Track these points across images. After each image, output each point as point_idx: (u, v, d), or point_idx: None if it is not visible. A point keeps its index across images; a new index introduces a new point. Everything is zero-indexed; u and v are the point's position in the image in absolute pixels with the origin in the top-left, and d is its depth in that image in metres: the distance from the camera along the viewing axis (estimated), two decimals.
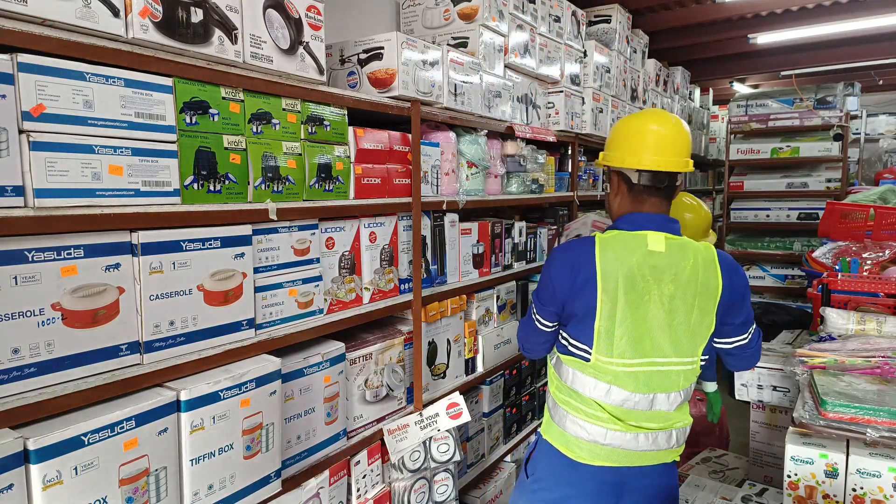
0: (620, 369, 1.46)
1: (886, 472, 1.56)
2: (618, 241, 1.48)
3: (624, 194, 1.58)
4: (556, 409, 1.59)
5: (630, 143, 1.54)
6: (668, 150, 1.52)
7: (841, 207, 3.50)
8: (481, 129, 2.40)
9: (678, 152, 1.54)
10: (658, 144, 1.52)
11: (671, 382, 1.50)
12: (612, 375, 1.47)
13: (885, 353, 1.91)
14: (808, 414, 1.71)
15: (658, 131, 1.53)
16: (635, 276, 1.44)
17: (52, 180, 1.08)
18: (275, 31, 1.48)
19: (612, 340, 1.45)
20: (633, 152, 1.53)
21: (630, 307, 1.44)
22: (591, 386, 1.49)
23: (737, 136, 5.28)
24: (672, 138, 1.53)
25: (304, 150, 1.62)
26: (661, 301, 1.45)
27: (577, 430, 1.53)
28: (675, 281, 1.45)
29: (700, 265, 1.47)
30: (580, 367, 1.50)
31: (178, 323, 1.31)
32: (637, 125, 1.56)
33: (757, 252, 5.12)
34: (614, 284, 1.43)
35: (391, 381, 2.01)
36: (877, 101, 7.50)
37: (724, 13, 4.34)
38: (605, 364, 1.46)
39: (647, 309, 1.45)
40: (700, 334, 1.49)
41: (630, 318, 1.44)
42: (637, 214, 1.54)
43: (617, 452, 1.51)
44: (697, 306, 1.47)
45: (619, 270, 1.44)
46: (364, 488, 1.92)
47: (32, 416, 1.07)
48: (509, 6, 2.57)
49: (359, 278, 1.89)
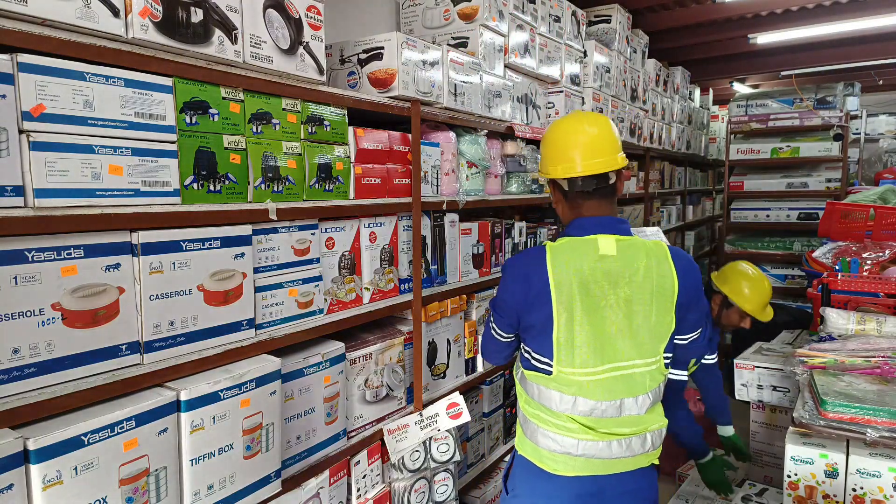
0: (584, 379, 1.44)
1: (886, 472, 1.56)
2: (568, 247, 1.46)
3: (562, 202, 1.57)
4: (527, 423, 1.56)
5: (551, 153, 1.53)
6: (586, 153, 1.48)
7: (841, 207, 3.50)
8: (481, 129, 2.40)
9: (597, 153, 1.49)
10: (574, 149, 1.49)
11: (636, 385, 1.47)
12: (577, 386, 1.44)
13: (885, 353, 1.91)
14: (808, 414, 1.71)
15: (572, 137, 1.50)
16: (589, 282, 1.42)
17: (52, 180, 1.08)
18: (275, 31, 1.48)
19: (573, 350, 1.43)
20: (554, 161, 1.52)
21: (587, 314, 1.42)
22: (557, 399, 1.47)
23: (737, 136, 5.28)
24: (587, 141, 1.49)
25: (304, 150, 1.62)
26: (619, 305, 1.43)
27: (548, 442, 1.50)
28: (631, 283, 1.43)
29: (654, 264, 1.45)
30: (544, 381, 1.48)
31: (178, 323, 1.31)
32: (555, 134, 1.54)
33: (757, 252, 5.12)
34: (569, 293, 1.41)
35: (391, 381, 2.01)
36: (877, 101, 7.51)
37: (724, 13, 4.34)
38: (567, 375, 1.44)
39: (604, 314, 1.42)
40: (661, 333, 1.48)
41: (588, 325, 1.42)
42: (584, 219, 1.51)
43: (592, 462, 1.48)
44: (656, 306, 1.45)
45: (572, 278, 1.41)
46: (364, 488, 1.92)
47: (32, 416, 1.07)
48: (509, 6, 2.57)
49: (359, 278, 1.89)
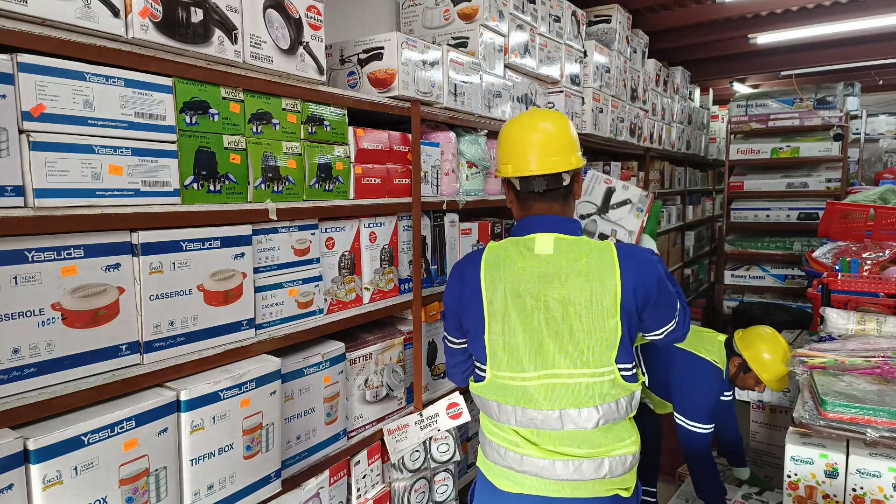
0: (520, 384, 1.36)
1: (886, 471, 1.56)
2: (503, 248, 1.41)
3: (515, 202, 1.49)
4: (481, 434, 1.53)
5: (504, 151, 1.46)
6: (539, 152, 1.40)
7: (841, 207, 3.50)
8: (481, 129, 2.40)
9: (551, 152, 1.40)
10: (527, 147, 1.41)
11: (581, 396, 1.35)
12: (514, 393, 1.37)
13: (885, 353, 1.91)
14: (808, 414, 1.71)
15: (526, 134, 1.42)
16: (519, 282, 1.36)
17: (52, 180, 1.08)
18: (275, 31, 1.48)
19: (505, 354, 1.37)
20: (506, 159, 1.45)
21: (519, 317, 1.35)
22: (496, 409, 1.41)
23: (737, 136, 5.28)
24: (541, 139, 1.41)
25: (304, 150, 1.62)
26: (552, 308, 1.34)
27: (494, 455, 1.45)
28: (565, 285, 1.33)
29: (594, 266, 1.34)
30: (482, 390, 1.43)
31: (178, 323, 1.31)
32: (509, 131, 1.47)
33: (757, 252, 5.12)
34: (501, 295, 1.36)
35: (391, 381, 2.01)
36: (877, 101, 7.51)
37: (724, 13, 4.34)
38: (501, 379, 1.38)
39: (538, 317, 1.34)
40: (606, 339, 1.33)
41: (520, 328, 1.35)
42: (526, 218, 1.45)
43: (535, 481, 1.39)
44: (596, 310, 1.33)
45: (504, 279, 1.36)
46: (364, 488, 1.92)
47: (32, 416, 1.07)
48: (509, 6, 2.57)
49: (359, 278, 1.89)
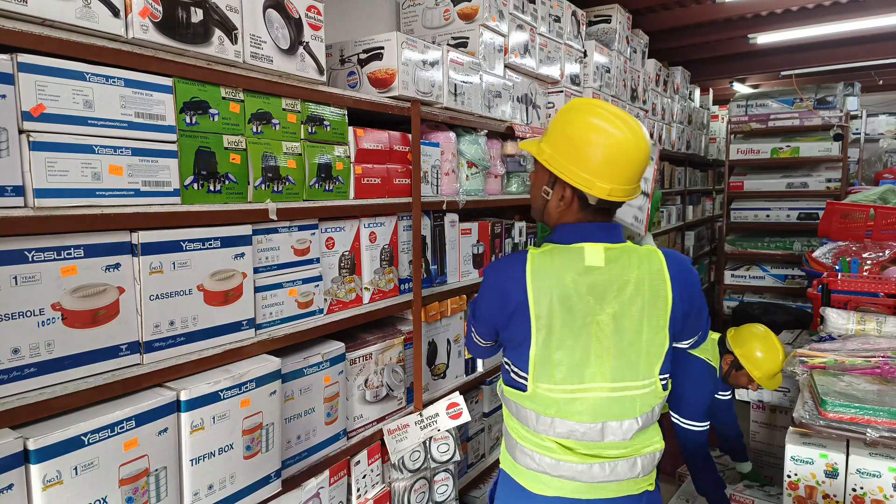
0: (561, 396, 1.30)
1: (886, 471, 1.56)
2: (551, 257, 1.30)
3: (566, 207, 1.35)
4: (508, 436, 1.46)
5: (593, 162, 1.28)
6: (633, 178, 1.30)
7: (841, 207, 3.51)
8: (481, 129, 2.40)
9: (638, 178, 1.33)
10: (626, 171, 1.28)
11: (624, 409, 1.32)
12: (555, 406, 1.31)
13: (885, 353, 1.91)
14: (808, 414, 1.71)
15: (630, 155, 1.28)
16: (571, 296, 1.27)
17: (52, 180, 1.08)
18: (275, 31, 1.48)
19: (550, 368, 1.30)
20: (597, 174, 1.28)
21: (568, 330, 1.28)
22: (534, 419, 1.35)
23: (737, 136, 5.28)
24: (638, 165, 1.30)
25: (304, 150, 1.62)
26: (606, 322, 1.28)
27: (526, 460, 1.39)
28: (619, 298, 1.28)
29: (646, 277, 1.30)
30: (520, 398, 1.36)
31: (178, 323, 1.31)
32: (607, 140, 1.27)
33: (757, 252, 5.12)
34: (548, 308, 1.27)
35: (391, 381, 2.01)
36: (877, 101, 7.51)
37: (724, 13, 4.34)
38: (544, 392, 1.31)
39: (588, 332, 1.28)
40: (654, 353, 1.32)
41: (569, 342, 1.28)
42: (570, 225, 1.35)
43: (572, 485, 1.35)
44: (647, 324, 1.30)
45: (552, 292, 1.27)
46: (364, 488, 1.92)
47: (32, 416, 1.07)
48: (509, 6, 2.57)
49: (359, 278, 1.89)
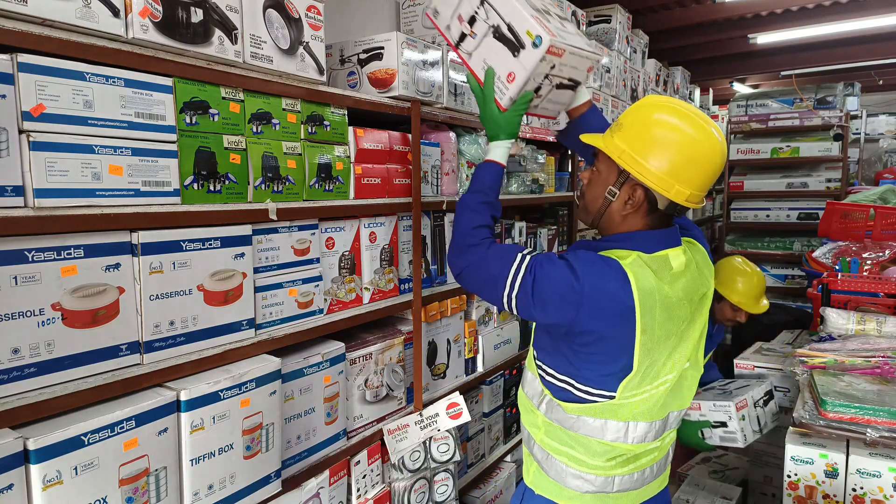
0: (640, 398, 1.28)
1: (886, 471, 1.56)
2: (642, 266, 1.23)
3: (642, 213, 1.29)
4: (551, 461, 1.36)
5: (681, 169, 1.21)
6: (710, 185, 1.26)
7: (841, 207, 3.51)
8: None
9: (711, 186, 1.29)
10: (710, 177, 1.24)
11: (684, 397, 1.37)
12: (636, 409, 1.28)
13: (885, 353, 1.91)
14: (808, 414, 1.71)
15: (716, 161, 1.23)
16: (671, 305, 1.24)
17: (52, 180, 1.08)
18: (275, 31, 1.48)
19: (644, 375, 1.26)
20: (682, 180, 1.21)
21: (664, 340, 1.25)
22: (612, 428, 1.28)
23: (737, 136, 5.28)
24: (719, 173, 1.27)
25: (304, 150, 1.62)
26: (683, 323, 1.29)
27: (580, 483, 1.33)
28: (695, 294, 1.32)
29: (703, 267, 1.36)
30: (593, 412, 1.28)
31: (178, 323, 1.31)
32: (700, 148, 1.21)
33: (757, 252, 5.12)
34: (651, 320, 1.21)
35: (391, 381, 2.01)
36: (877, 101, 7.51)
37: (724, 13, 4.35)
38: (628, 400, 1.27)
39: (675, 334, 1.28)
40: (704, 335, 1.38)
41: (662, 347, 1.26)
42: (650, 233, 1.29)
43: (621, 497, 1.36)
44: (703, 312, 1.35)
45: (655, 303, 1.21)
46: (364, 488, 1.92)
47: (32, 416, 1.07)
48: None
49: (359, 278, 1.89)
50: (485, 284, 1.32)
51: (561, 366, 1.30)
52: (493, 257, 1.32)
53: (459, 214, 1.45)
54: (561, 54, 1.32)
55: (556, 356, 1.31)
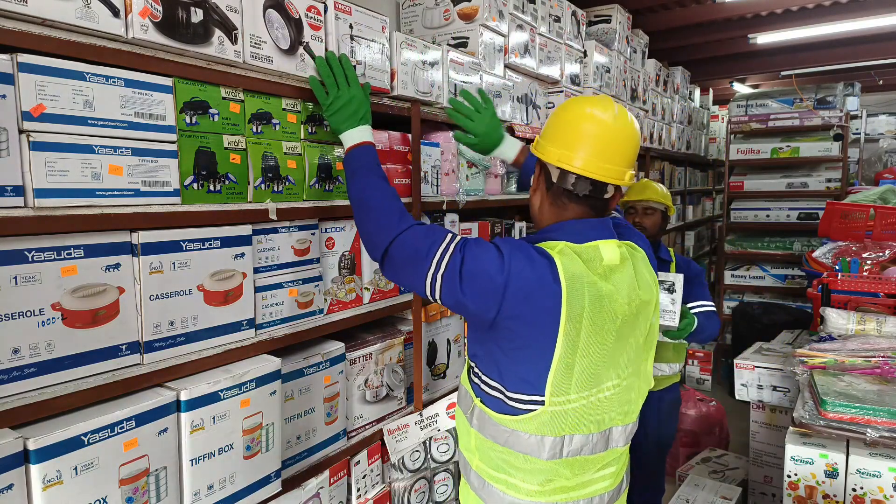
0: (574, 405, 1.20)
1: (886, 471, 1.56)
2: (574, 256, 1.20)
3: (543, 193, 1.31)
4: (488, 489, 1.30)
5: (560, 133, 1.25)
6: (602, 153, 1.22)
7: (841, 207, 3.51)
8: None
9: (613, 158, 1.23)
10: (589, 142, 1.22)
11: (629, 410, 1.29)
12: (568, 420, 1.21)
13: (885, 353, 1.91)
14: (808, 414, 1.72)
15: (596, 127, 1.23)
16: (601, 297, 1.19)
17: (52, 180, 1.08)
18: (275, 32, 1.48)
19: (571, 376, 1.19)
20: (559, 143, 1.24)
21: (593, 335, 1.19)
22: (548, 444, 1.21)
23: (737, 136, 5.29)
24: (610, 139, 1.23)
25: (305, 150, 1.62)
26: (617, 320, 1.22)
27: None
28: (633, 295, 1.25)
29: (646, 269, 1.31)
30: (524, 425, 1.21)
31: (178, 323, 1.31)
32: (575, 113, 1.25)
33: (757, 252, 5.13)
34: (579, 311, 1.16)
35: (391, 381, 2.01)
36: (877, 101, 7.51)
37: (724, 13, 4.35)
38: (558, 407, 1.19)
39: (609, 334, 1.22)
40: (649, 345, 1.33)
41: (592, 347, 1.20)
42: (578, 222, 1.27)
43: None
44: (644, 319, 1.30)
45: (584, 293, 1.17)
46: (364, 488, 1.92)
47: (32, 416, 1.07)
48: (509, 6, 2.57)
49: (359, 278, 1.89)
50: (407, 263, 1.26)
51: (492, 370, 1.25)
52: (419, 235, 1.27)
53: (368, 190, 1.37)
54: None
55: (487, 361, 1.26)
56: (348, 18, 1.69)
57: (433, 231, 1.27)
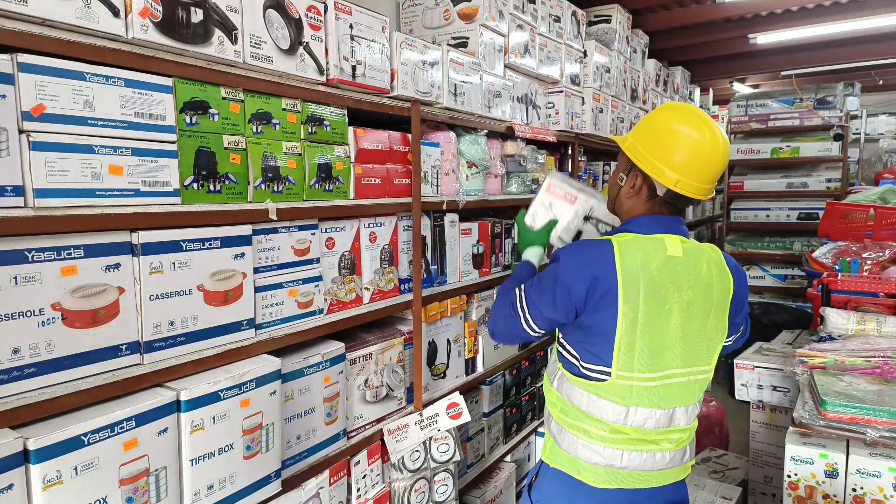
0: (640, 384, 1.36)
1: (886, 471, 1.56)
2: (636, 245, 1.37)
3: (643, 199, 1.46)
4: (564, 434, 1.47)
5: (676, 155, 1.38)
6: (706, 176, 1.39)
7: (841, 207, 3.51)
8: (481, 129, 2.40)
9: (714, 180, 1.41)
10: (697, 169, 1.37)
11: (689, 394, 1.42)
12: (633, 394, 1.37)
13: (885, 353, 1.91)
14: (808, 414, 1.72)
15: (710, 155, 1.37)
16: (656, 283, 1.34)
17: (52, 180, 1.08)
18: (275, 31, 1.48)
19: (633, 354, 1.34)
20: (674, 167, 1.38)
21: (651, 317, 1.34)
22: (610, 410, 1.38)
23: (737, 136, 5.28)
24: (717, 167, 1.39)
25: (304, 150, 1.62)
26: (681, 309, 1.36)
27: (590, 454, 1.42)
28: (694, 287, 1.37)
29: (714, 268, 1.41)
30: (595, 389, 1.39)
31: (178, 323, 1.31)
32: (691, 139, 1.38)
33: (757, 252, 5.12)
34: (636, 294, 1.32)
35: (391, 381, 2.01)
36: (877, 101, 7.51)
37: (724, 13, 4.34)
38: (624, 381, 1.36)
39: (667, 318, 1.35)
40: (716, 340, 1.44)
41: (651, 328, 1.34)
42: (646, 217, 1.44)
43: (634, 475, 1.42)
44: (714, 311, 1.41)
45: (640, 278, 1.33)
46: (364, 488, 1.92)
47: (32, 416, 1.07)
48: (509, 6, 2.57)
49: (359, 278, 1.89)
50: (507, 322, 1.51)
51: (572, 342, 1.44)
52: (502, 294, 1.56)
53: (503, 297, 1.59)
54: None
55: (565, 334, 1.47)
56: (348, 18, 1.69)
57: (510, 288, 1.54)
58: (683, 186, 1.38)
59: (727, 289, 1.43)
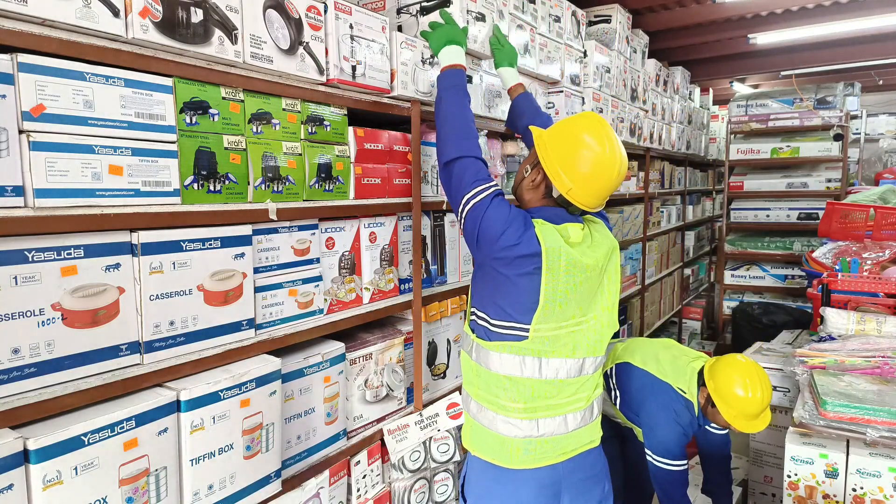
0: (554, 333, 1.51)
1: (886, 471, 1.56)
2: (552, 228, 1.51)
3: (540, 194, 1.59)
4: (484, 412, 1.59)
5: (574, 167, 1.51)
6: (598, 190, 1.52)
7: (841, 207, 3.51)
8: (481, 129, 2.40)
9: (607, 195, 1.55)
10: (603, 186, 1.51)
11: (598, 345, 1.59)
12: (549, 344, 1.51)
13: (885, 353, 1.91)
14: (808, 414, 1.72)
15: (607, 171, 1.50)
16: (572, 257, 1.49)
17: (52, 180, 1.08)
18: (275, 31, 1.48)
19: (553, 312, 1.50)
20: (573, 178, 1.51)
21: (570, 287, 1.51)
22: (528, 364, 1.52)
23: (737, 136, 5.28)
24: (607, 182, 1.51)
25: (304, 150, 1.62)
26: (581, 273, 1.52)
27: (509, 429, 1.54)
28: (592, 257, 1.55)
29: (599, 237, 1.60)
30: (510, 348, 1.52)
31: (178, 323, 1.31)
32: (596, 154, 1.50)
33: (757, 252, 5.12)
34: (555, 265, 1.47)
35: (391, 381, 2.01)
36: (877, 101, 7.51)
37: (724, 13, 4.34)
38: (538, 333, 1.50)
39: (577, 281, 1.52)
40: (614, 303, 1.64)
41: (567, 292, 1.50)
42: (550, 208, 1.58)
43: (552, 441, 1.55)
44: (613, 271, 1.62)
45: (560, 254, 1.48)
46: (364, 488, 1.92)
47: (32, 416, 1.07)
48: (509, 6, 2.56)
49: (359, 278, 1.89)
50: (459, 179, 1.58)
51: (482, 303, 1.57)
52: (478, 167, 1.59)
53: (452, 100, 1.66)
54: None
55: (479, 295, 1.58)
56: (348, 18, 1.69)
57: (484, 171, 1.60)
58: (574, 195, 1.51)
59: (614, 247, 1.63)
